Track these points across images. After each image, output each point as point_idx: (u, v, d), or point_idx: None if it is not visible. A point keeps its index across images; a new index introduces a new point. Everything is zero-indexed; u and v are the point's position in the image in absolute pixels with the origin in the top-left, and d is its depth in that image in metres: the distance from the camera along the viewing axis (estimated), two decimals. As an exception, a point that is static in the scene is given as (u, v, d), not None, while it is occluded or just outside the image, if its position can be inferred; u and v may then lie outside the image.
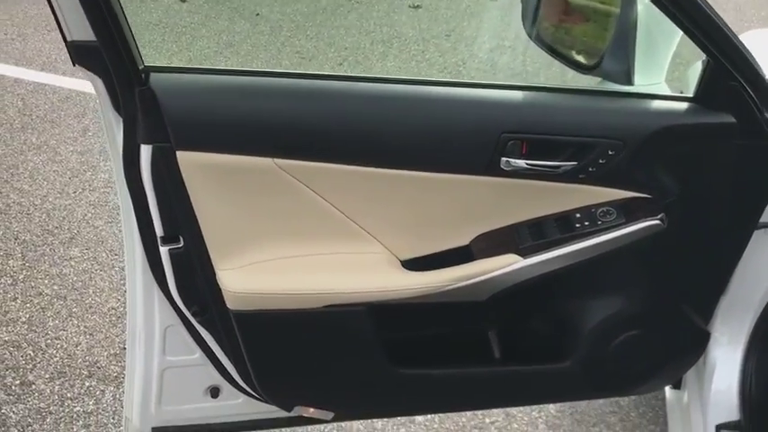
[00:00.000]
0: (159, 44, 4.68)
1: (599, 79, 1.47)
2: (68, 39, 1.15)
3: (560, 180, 1.34)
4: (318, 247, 1.34)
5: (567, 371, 1.53)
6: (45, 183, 3.13)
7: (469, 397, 1.56)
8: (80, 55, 1.16)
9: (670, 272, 1.50)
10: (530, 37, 1.56)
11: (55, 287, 2.55)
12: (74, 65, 1.17)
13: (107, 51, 1.13)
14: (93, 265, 2.66)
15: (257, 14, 5.06)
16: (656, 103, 1.36)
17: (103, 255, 2.71)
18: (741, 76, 1.28)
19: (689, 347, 1.60)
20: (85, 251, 2.73)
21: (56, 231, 2.83)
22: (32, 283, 2.56)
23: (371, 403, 1.53)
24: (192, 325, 1.41)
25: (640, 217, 1.35)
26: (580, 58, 1.47)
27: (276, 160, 1.24)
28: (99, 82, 1.20)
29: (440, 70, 4.35)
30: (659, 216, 1.35)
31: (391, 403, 1.54)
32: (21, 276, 2.59)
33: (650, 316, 1.52)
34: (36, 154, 3.35)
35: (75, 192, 3.08)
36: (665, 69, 1.47)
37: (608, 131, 1.31)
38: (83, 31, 1.13)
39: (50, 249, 2.73)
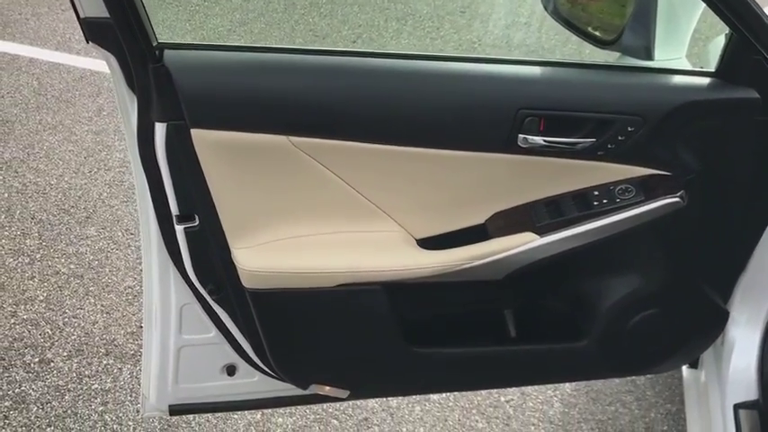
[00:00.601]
0: (173, 23, 4.66)
1: (618, 54, 1.44)
2: (81, 15, 1.14)
3: (578, 157, 1.32)
4: (333, 225, 1.33)
5: (584, 350, 1.52)
6: (61, 162, 3.14)
7: (485, 376, 1.56)
8: (93, 32, 1.15)
9: (689, 250, 1.48)
10: (546, 10, 1.54)
11: (72, 266, 2.56)
12: (87, 42, 1.16)
13: (120, 28, 1.12)
14: (109, 244, 2.68)
15: (271, -8, 5.03)
16: (677, 79, 1.33)
17: (119, 234, 2.73)
18: (765, 49, 1.25)
19: (707, 327, 1.59)
20: (102, 230, 2.74)
21: (72, 211, 2.84)
22: (49, 263, 2.58)
23: (387, 382, 1.53)
24: (208, 303, 1.41)
25: (660, 194, 1.33)
26: (599, 33, 1.44)
27: (291, 138, 1.22)
28: (113, 59, 1.19)
29: (455, 47, 4.30)
30: (679, 194, 1.33)
31: (407, 382, 1.54)
32: (38, 255, 2.61)
33: (668, 295, 1.50)
34: (51, 134, 3.36)
35: (90, 171, 3.09)
36: (685, 44, 1.44)
37: (627, 107, 1.28)
38: (96, 7, 1.12)
39: (67, 228, 2.75)
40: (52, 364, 2.18)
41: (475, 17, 4.66)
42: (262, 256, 1.30)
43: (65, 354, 2.22)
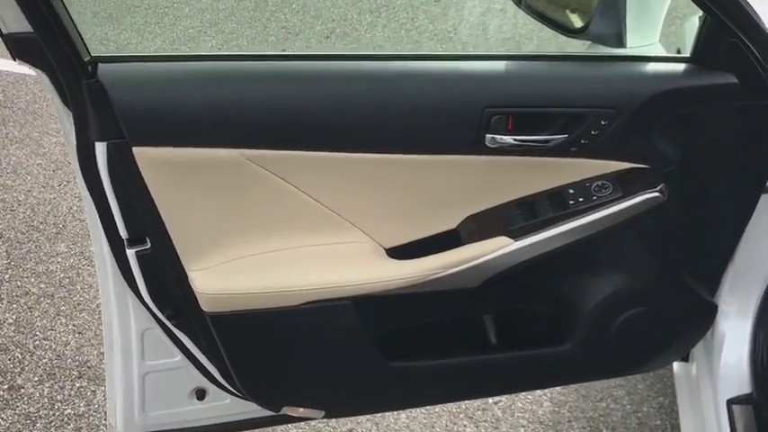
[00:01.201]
0: (141, 27, 4.56)
1: (588, 43, 1.37)
2: (4, 32, 1.05)
3: (551, 155, 1.25)
4: (295, 240, 1.25)
5: (568, 354, 1.45)
6: (29, 177, 3.05)
7: (467, 387, 1.49)
8: (19, 49, 1.07)
9: (673, 244, 1.42)
10: (513, 1, 1.46)
11: (42, 285, 2.48)
12: (14, 60, 1.08)
13: (46, 43, 1.03)
14: (80, 260, 2.59)
15: (241, -10, 4.92)
16: (651, 66, 1.26)
17: (91, 249, 2.64)
18: (741, 31, 1.18)
19: (696, 321, 1.52)
20: (72, 246, 2.66)
21: (41, 227, 2.75)
22: (18, 283, 2.49)
23: (364, 399, 1.46)
24: (170, 328, 1.33)
25: (638, 189, 1.26)
26: (567, 21, 1.37)
27: (243, 151, 1.15)
28: (44, 76, 1.10)
29: (430, 38, 4.22)
30: (659, 187, 1.26)
31: (385, 398, 1.47)
32: (6, 276, 2.52)
33: (654, 292, 1.44)
34: (19, 147, 3.26)
35: (59, 185, 2.99)
36: (658, 28, 1.36)
37: (599, 100, 1.21)
38: (20, 22, 1.03)
39: (36, 246, 2.66)
40: (23, 391, 2.10)
41: (449, 5, 4.57)
42: (220, 278, 1.22)
43: (36, 379, 2.14)
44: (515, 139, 1.21)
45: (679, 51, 1.96)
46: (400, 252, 1.31)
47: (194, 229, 1.21)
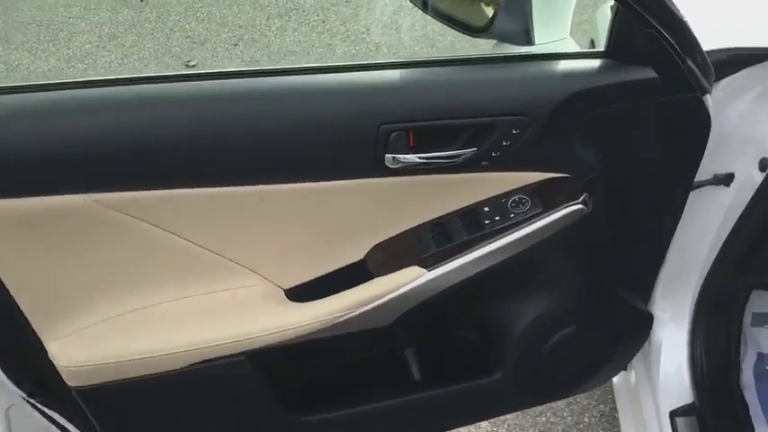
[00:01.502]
0: (34, 45, 4.25)
1: (494, 43, 1.24)
2: None
3: (461, 171, 1.11)
4: (174, 292, 1.08)
5: (500, 383, 1.32)
6: None
7: (391, 431, 1.34)
8: None
9: (601, 255, 1.30)
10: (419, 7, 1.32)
11: None
12: None
13: None
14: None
15: (141, 0, 4.66)
16: (563, 65, 1.13)
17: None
18: (656, 20, 1.07)
19: (632, 333, 1.42)
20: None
21: None
22: None
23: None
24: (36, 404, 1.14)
25: (560, 202, 1.13)
26: (470, 19, 1.23)
27: (93, 196, 0.96)
28: None
29: (342, 39, 4.07)
30: (581, 198, 1.13)
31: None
32: None
33: (585, 308, 1.32)
34: None
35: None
36: (568, 21, 1.24)
37: (509, 107, 1.08)
38: None
39: None
40: None
41: (361, 5, 4.43)
42: (85, 346, 1.03)
43: None
44: (419, 157, 1.06)
45: (593, 43, 1.86)
46: (303, 292, 1.15)
47: (45, 291, 1.01)
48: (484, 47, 1.27)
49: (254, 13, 4.42)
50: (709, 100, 1.18)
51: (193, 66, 3.89)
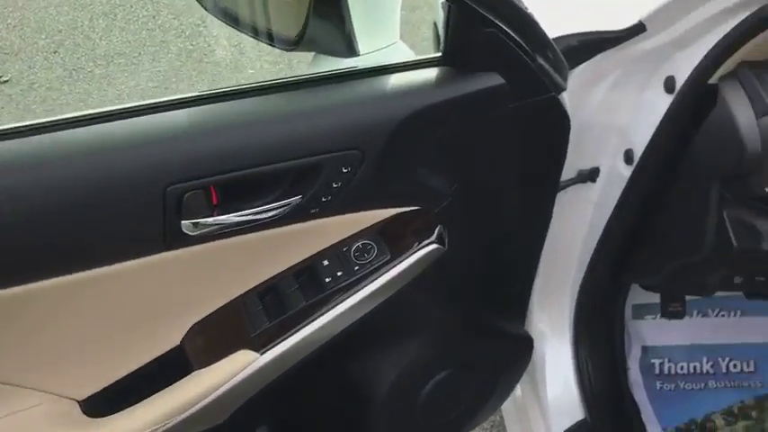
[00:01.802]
0: None
1: (312, 56, 1.02)
2: None
3: (287, 223, 0.90)
4: None
5: (372, 448, 1.13)
6: None
7: None
8: None
9: (469, 287, 1.13)
10: (204, 6, 1.08)
11: None
12: None
13: None
14: None
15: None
16: (395, 80, 0.94)
17: None
18: (497, 17, 0.89)
19: (513, 361, 1.27)
20: None
21: None
22: None
23: None
24: None
25: (410, 242, 0.94)
26: (276, 28, 1.01)
27: None
28: None
29: (177, 35, 3.72)
30: (436, 234, 0.95)
31: None
32: None
33: (458, 347, 1.15)
34: None
35: None
36: (397, 20, 1.05)
37: (333, 141, 0.87)
38: None
39: None
40: None
41: (194, -4, 4.07)
42: None
43: None
44: (227, 218, 0.84)
45: (436, 28, 1.68)
46: (105, 402, 0.90)
47: None
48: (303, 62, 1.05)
49: (74, 14, 3.97)
50: (565, 97, 1.03)
51: (6, 81, 3.43)
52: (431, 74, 0.94)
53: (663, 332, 1.57)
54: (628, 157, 1.22)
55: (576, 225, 1.33)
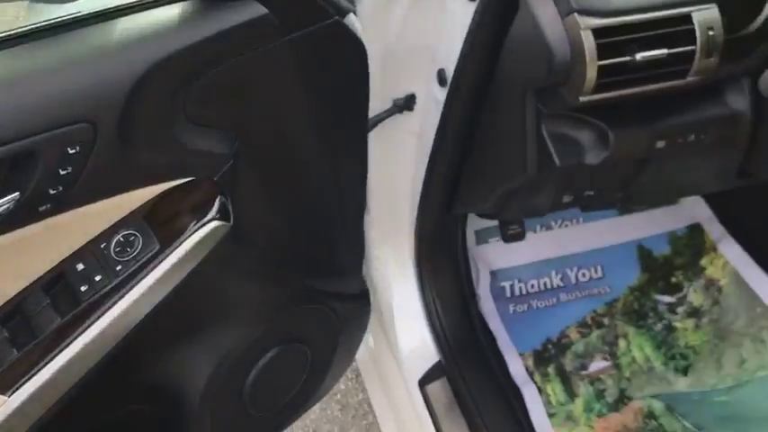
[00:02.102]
0: None
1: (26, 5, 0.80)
2: None
3: (10, 228, 0.70)
4: None
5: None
6: None
7: None
8: None
9: (280, 256, 0.98)
10: None
11: None
12: None
13: None
14: None
15: None
16: (128, 26, 0.74)
17: None
18: None
19: (350, 323, 1.14)
20: None
21: None
22: None
23: None
24: None
25: (185, 223, 0.78)
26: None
27: None
28: None
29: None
30: (216, 207, 0.78)
31: None
32: None
33: (280, 324, 1.01)
34: None
35: None
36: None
37: (50, 116, 0.67)
38: None
39: None
40: None
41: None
42: None
43: None
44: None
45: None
46: None
47: None
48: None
49: None
50: (354, 20, 0.87)
51: None
52: (172, 12, 0.75)
53: (509, 253, 1.50)
54: (441, 78, 1.09)
55: (402, 159, 1.22)
